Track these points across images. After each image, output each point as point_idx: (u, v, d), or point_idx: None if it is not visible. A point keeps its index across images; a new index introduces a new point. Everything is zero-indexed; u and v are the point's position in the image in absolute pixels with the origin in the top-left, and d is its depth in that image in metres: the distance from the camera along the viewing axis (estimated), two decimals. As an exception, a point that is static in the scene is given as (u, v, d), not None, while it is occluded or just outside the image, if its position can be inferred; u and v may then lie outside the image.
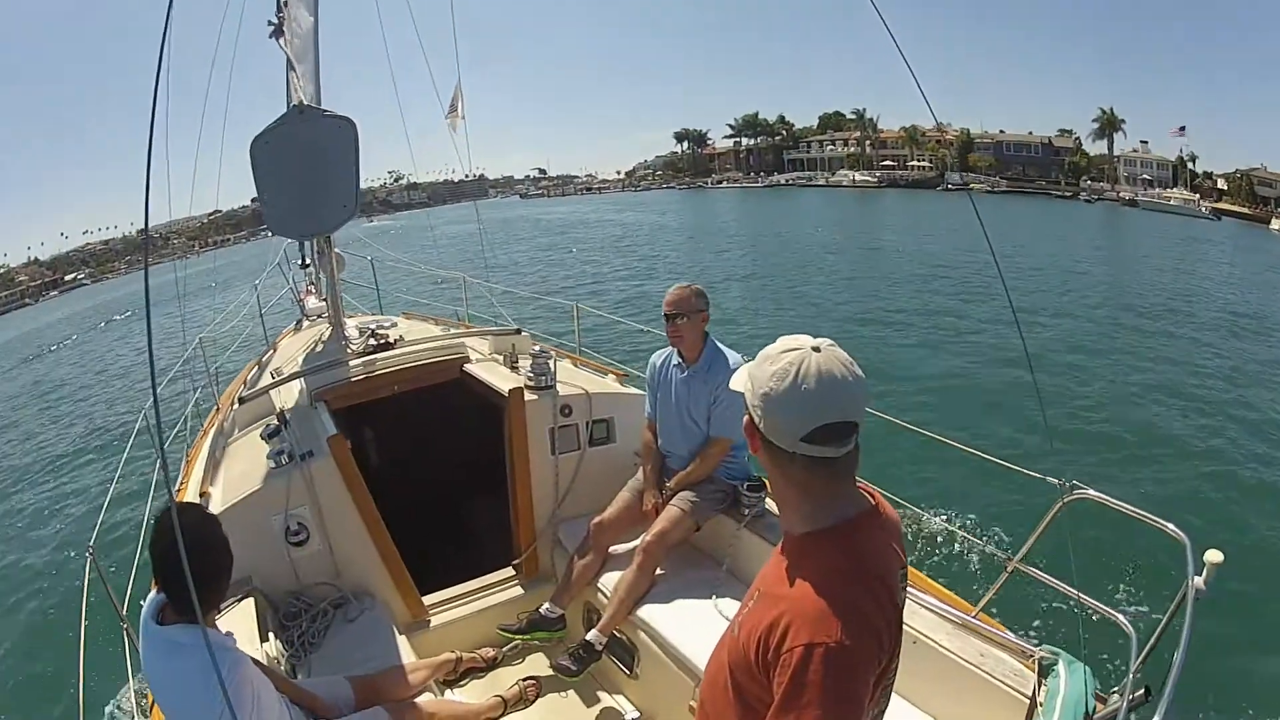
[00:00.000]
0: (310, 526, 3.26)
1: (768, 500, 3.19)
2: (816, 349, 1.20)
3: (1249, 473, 7.93)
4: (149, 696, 2.21)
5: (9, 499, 10.64)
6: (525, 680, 3.23)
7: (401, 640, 3.13)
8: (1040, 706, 2.04)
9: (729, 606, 2.91)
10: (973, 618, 2.42)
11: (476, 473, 4.21)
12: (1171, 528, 2.01)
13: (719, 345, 3.31)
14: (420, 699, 2.72)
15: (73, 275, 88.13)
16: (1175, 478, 7.85)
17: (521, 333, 4.51)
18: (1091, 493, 2.26)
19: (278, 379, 4.08)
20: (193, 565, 1.75)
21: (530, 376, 3.84)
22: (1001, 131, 78.44)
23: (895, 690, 1.31)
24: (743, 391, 1.27)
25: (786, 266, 25.39)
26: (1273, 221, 48.81)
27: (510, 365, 4.24)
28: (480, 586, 3.72)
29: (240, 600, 2.83)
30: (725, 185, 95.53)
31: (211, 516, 2.01)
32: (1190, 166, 63.68)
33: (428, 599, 3.56)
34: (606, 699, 3.20)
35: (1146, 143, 68.69)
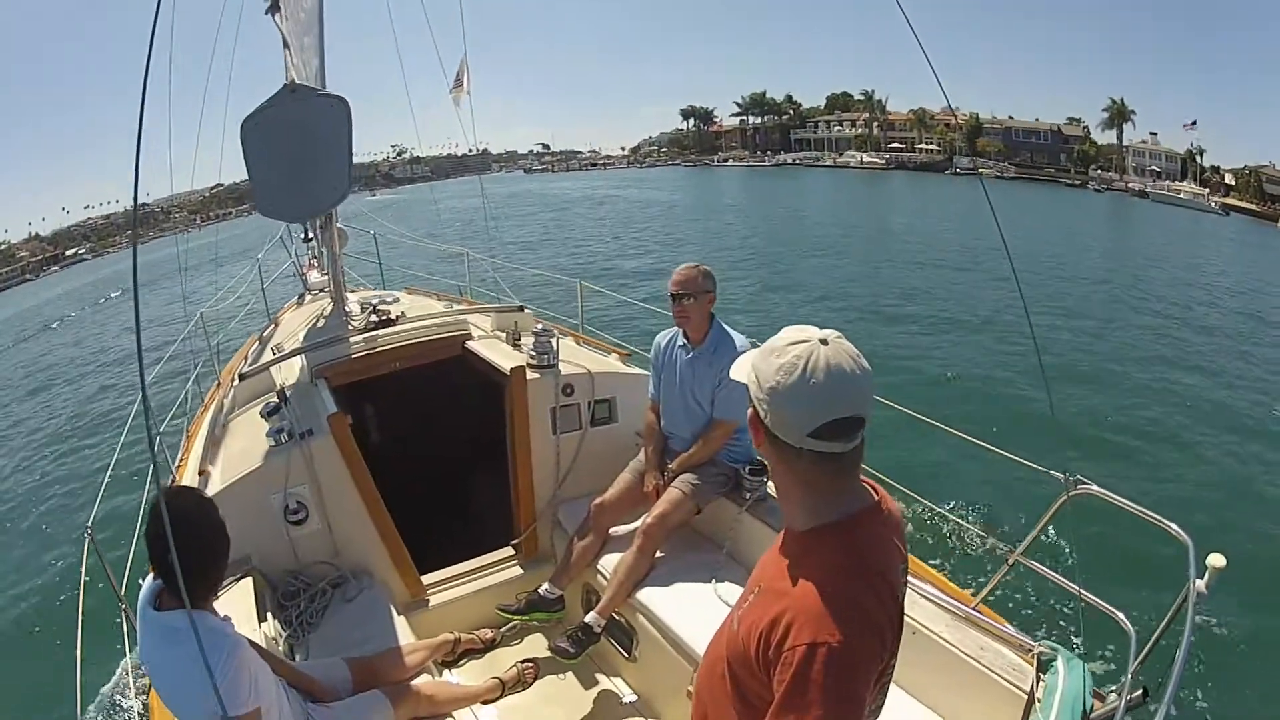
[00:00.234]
0: (309, 505, 3.26)
1: (769, 484, 3.17)
2: (824, 341, 1.17)
3: (1257, 475, 7.89)
4: (147, 679, 2.20)
5: (7, 479, 10.62)
6: (523, 662, 3.25)
7: (400, 620, 3.14)
8: (1038, 702, 2.03)
9: (729, 590, 2.90)
10: (973, 609, 2.41)
11: (477, 451, 4.20)
12: (1175, 528, 2.00)
13: (725, 327, 3.27)
14: (418, 681, 2.72)
15: (73, 250, 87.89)
16: (1181, 476, 7.82)
17: (524, 310, 4.48)
18: (1095, 488, 2.24)
19: (278, 355, 4.06)
20: (188, 550, 1.76)
21: (532, 355, 3.82)
22: (1011, 117, 77.78)
23: (894, 681, 1.30)
24: (746, 383, 1.24)
25: (793, 248, 25.21)
26: (1280, 219, 48.64)
27: (512, 343, 4.22)
28: (479, 566, 3.73)
29: (239, 580, 2.83)
30: (731, 164, 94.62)
31: (208, 500, 2.00)
32: (1198, 160, 63.12)
33: (426, 578, 3.57)
34: (605, 682, 3.21)
35: (1155, 134, 68.24)
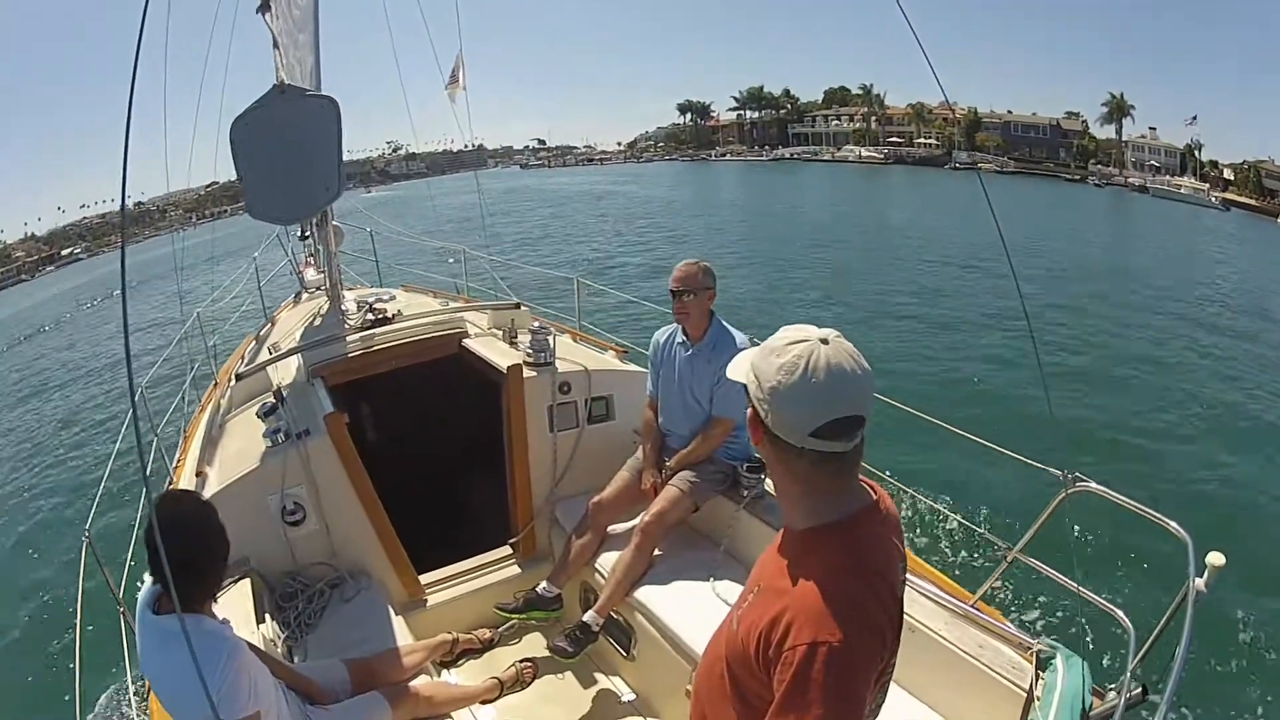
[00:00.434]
0: (307, 506, 3.25)
1: (767, 481, 3.16)
2: (824, 341, 1.17)
3: (1258, 472, 7.89)
4: (147, 684, 2.20)
5: (5, 485, 10.54)
6: (522, 662, 3.24)
7: (398, 620, 3.13)
8: (1037, 700, 2.03)
9: (726, 589, 2.90)
10: (971, 606, 2.40)
11: (474, 450, 4.19)
12: (1174, 526, 1.99)
13: (725, 324, 3.27)
14: (416, 681, 2.72)
15: (69, 250, 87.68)
16: (1182, 474, 7.82)
17: (521, 307, 4.47)
18: (1094, 486, 2.24)
19: (275, 355, 4.04)
20: (189, 554, 1.75)
21: (529, 352, 3.81)
22: (1009, 112, 77.68)
23: (893, 679, 1.30)
24: (744, 382, 1.24)
25: (791, 245, 25.13)
26: (1280, 215, 48.71)
27: (509, 340, 4.21)
28: (477, 565, 3.72)
29: (237, 581, 2.82)
30: (729, 158, 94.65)
31: (208, 504, 1.98)
32: (1197, 155, 63.13)
33: (424, 578, 3.56)
34: (603, 681, 3.21)
35: (1155, 129, 68.16)
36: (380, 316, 4.23)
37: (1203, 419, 9.56)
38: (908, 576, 1.34)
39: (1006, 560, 2.46)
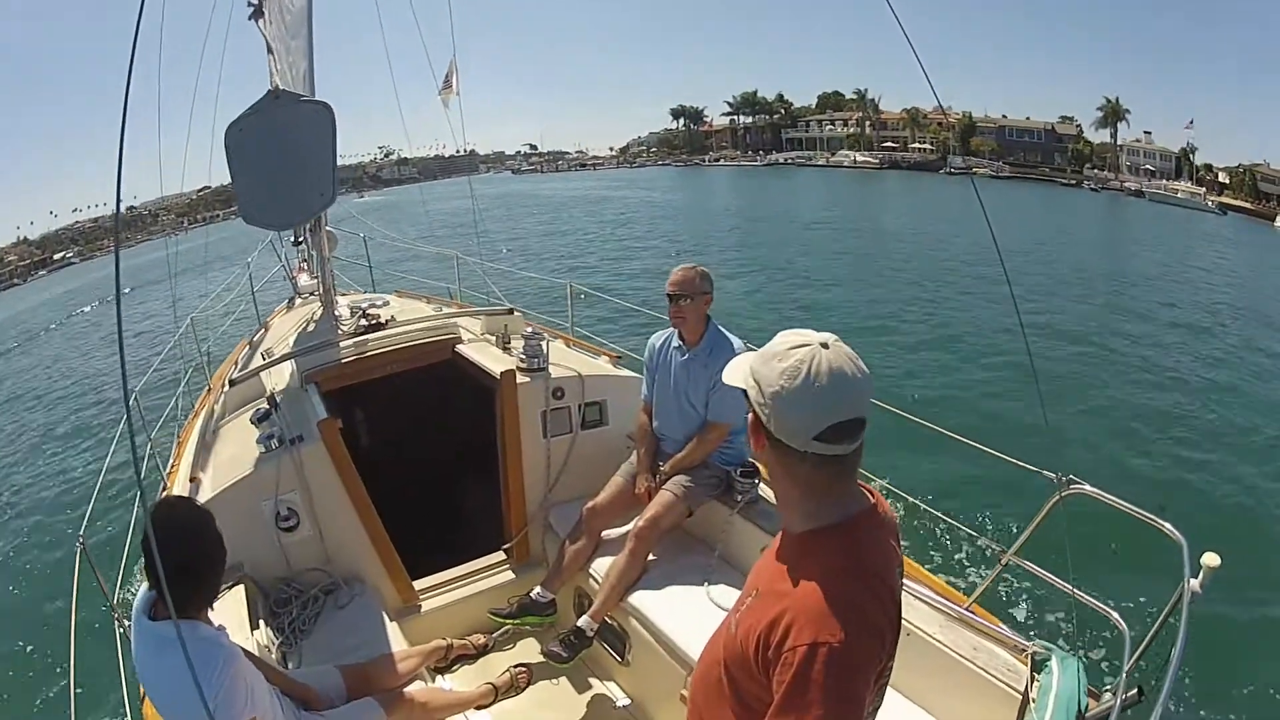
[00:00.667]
0: (300, 512, 3.23)
1: (761, 486, 3.17)
2: (825, 345, 1.18)
3: (1252, 474, 7.91)
4: (142, 690, 2.18)
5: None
6: (516, 667, 3.23)
7: (392, 626, 3.12)
8: (1033, 702, 2.03)
9: (721, 593, 2.90)
10: (966, 610, 2.41)
11: (468, 455, 4.18)
12: (1168, 527, 2.00)
13: (721, 329, 3.27)
14: (411, 687, 2.70)
15: (61, 254, 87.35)
16: (1177, 476, 7.84)
17: (514, 312, 4.46)
18: (1088, 488, 2.25)
19: (268, 360, 4.03)
20: (183, 559, 1.75)
21: (522, 358, 3.80)
22: (1004, 116, 78.18)
23: (889, 683, 1.30)
24: (743, 388, 1.24)
25: (786, 252, 25.14)
26: (1277, 219, 49.28)
27: (502, 346, 4.20)
28: (471, 571, 3.71)
29: (231, 588, 2.81)
30: (723, 163, 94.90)
31: (204, 510, 1.98)
32: (1191, 159, 63.62)
33: (418, 583, 3.55)
34: (598, 686, 3.20)
35: (1150, 133, 68.76)
36: (374, 322, 4.23)
37: (1198, 422, 9.59)
38: (903, 581, 1.34)
39: (1001, 563, 2.47)
